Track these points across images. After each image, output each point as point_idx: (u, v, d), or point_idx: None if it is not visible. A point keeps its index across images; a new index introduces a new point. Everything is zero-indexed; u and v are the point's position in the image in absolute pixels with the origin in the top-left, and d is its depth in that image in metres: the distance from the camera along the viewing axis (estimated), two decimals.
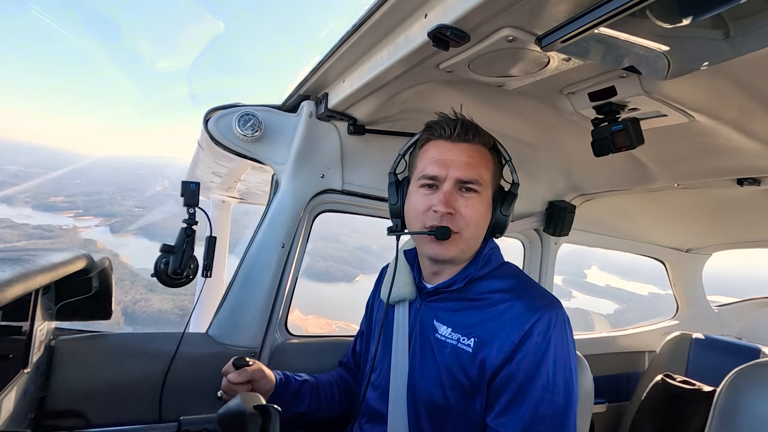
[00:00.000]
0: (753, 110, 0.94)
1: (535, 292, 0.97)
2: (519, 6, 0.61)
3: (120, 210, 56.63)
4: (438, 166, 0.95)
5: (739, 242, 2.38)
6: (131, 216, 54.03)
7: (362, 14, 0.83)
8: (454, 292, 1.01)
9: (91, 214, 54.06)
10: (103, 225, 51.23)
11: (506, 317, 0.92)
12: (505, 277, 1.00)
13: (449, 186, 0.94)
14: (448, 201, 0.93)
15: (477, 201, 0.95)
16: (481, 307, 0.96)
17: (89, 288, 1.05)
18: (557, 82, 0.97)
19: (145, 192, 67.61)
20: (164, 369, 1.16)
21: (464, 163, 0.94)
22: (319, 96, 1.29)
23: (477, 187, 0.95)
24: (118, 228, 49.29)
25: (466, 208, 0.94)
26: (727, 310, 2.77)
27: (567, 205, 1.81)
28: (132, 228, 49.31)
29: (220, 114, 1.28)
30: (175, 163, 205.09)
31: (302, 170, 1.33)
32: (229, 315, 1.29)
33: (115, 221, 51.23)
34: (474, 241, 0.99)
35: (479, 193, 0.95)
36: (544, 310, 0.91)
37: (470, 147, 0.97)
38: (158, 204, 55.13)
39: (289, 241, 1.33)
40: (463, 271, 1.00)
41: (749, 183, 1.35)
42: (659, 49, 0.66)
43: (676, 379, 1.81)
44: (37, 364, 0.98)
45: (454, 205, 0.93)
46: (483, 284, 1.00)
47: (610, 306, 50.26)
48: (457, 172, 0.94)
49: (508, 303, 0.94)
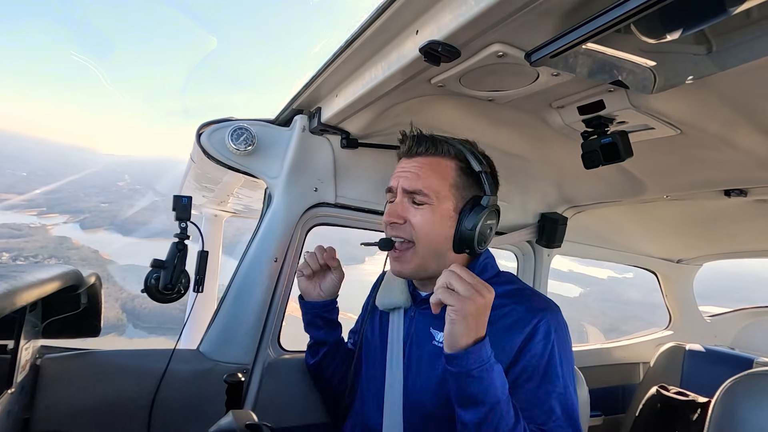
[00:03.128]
0: (738, 123, 0.96)
1: (534, 296, 0.98)
2: (508, 22, 0.63)
3: (87, 206, 55.62)
4: (394, 179, 1.00)
5: (728, 252, 2.41)
6: (99, 212, 53.31)
7: (355, 30, 0.85)
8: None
9: (56, 212, 52.82)
10: (72, 222, 50.16)
11: (507, 321, 0.92)
12: (503, 284, 1.00)
13: (399, 197, 0.97)
14: (393, 210, 0.97)
15: (427, 211, 0.95)
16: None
17: (78, 304, 1.03)
18: (547, 95, 0.99)
19: (108, 189, 66.77)
20: (154, 387, 1.13)
21: (412, 174, 0.97)
22: (312, 110, 1.30)
23: (425, 199, 0.95)
24: (89, 224, 48.70)
25: (414, 218, 0.96)
26: (720, 320, 2.78)
27: (559, 217, 1.82)
28: (103, 224, 48.73)
29: (212, 128, 1.28)
30: (133, 159, 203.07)
31: (295, 184, 1.33)
32: (221, 331, 1.27)
33: (84, 218, 50.48)
34: (434, 255, 0.97)
35: (431, 205, 0.95)
36: (545, 313, 0.91)
37: (422, 159, 0.98)
38: (123, 198, 54.62)
39: (282, 255, 1.32)
40: None
41: (736, 194, 1.37)
42: (645, 64, 0.67)
43: (670, 391, 1.81)
44: (21, 384, 0.95)
45: (404, 215, 0.96)
46: None
47: (575, 290, 50.79)
48: (404, 183, 0.96)
49: (508, 307, 0.94)
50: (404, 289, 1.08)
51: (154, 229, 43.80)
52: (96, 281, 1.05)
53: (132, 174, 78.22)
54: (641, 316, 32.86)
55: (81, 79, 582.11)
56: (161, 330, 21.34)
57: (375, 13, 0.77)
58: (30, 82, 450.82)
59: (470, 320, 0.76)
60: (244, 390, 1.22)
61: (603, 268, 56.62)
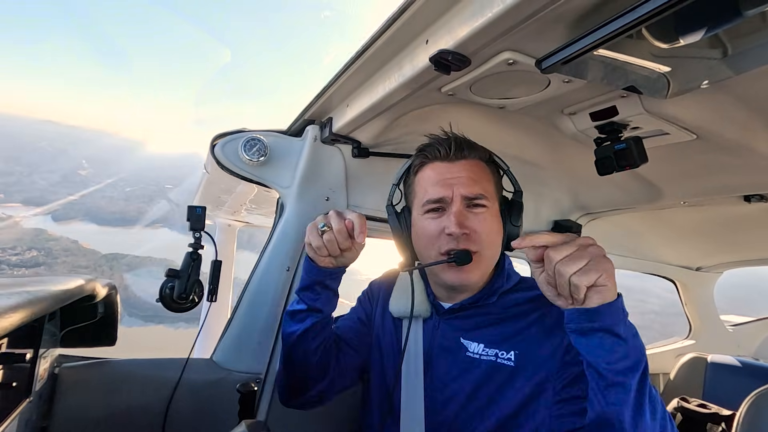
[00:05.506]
0: (756, 126, 0.94)
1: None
2: (518, 30, 0.63)
3: (55, 197, 55.54)
4: (441, 187, 0.91)
5: (749, 260, 2.34)
6: (69, 203, 53.19)
7: (365, 41, 0.86)
8: (480, 308, 0.96)
9: (17, 201, 52.78)
10: (40, 213, 50.21)
11: (546, 323, 0.89)
12: (529, 289, 0.97)
13: (458, 205, 0.89)
14: (461, 221, 0.88)
15: (488, 216, 0.91)
16: (513, 318, 0.92)
17: (95, 314, 1.05)
18: (558, 102, 0.98)
19: (70, 176, 66.31)
20: (168, 396, 1.14)
21: (467, 179, 0.91)
22: (323, 120, 1.31)
23: (485, 202, 0.91)
24: (62, 216, 48.85)
25: (479, 225, 0.90)
26: (742, 329, 2.70)
27: (573, 224, 1.79)
28: (77, 215, 48.91)
29: (226, 140, 1.30)
30: (92, 138, 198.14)
31: (307, 193, 1.34)
32: (234, 340, 1.27)
33: (55, 209, 50.53)
34: (493, 260, 0.95)
35: (488, 208, 0.91)
36: None
37: (469, 162, 0.94)
38: (89, 188, 54.63)
39: (294, 265, 1.32)
40: (492, 286, 0.96)
41: (756, 199, 1.34)
42: (658, 69, 0.67)
43: (692, 403, 1.75)
44: (40, 393, 0.97)
45: (467, 224, 0.89)
46: (510, 297, 0.96)
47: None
48: (462, 189, 0.90)
49: (542, 310, 0.91)
50: (425, 297, 1.02)
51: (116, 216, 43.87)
52: (112, 291, 1.07)
53: (90, 158, 77.68)
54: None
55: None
56: (158, 318, 21.70)
57: (385, 24, 0.78)
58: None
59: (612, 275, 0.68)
60: (256, 400, 1.22)
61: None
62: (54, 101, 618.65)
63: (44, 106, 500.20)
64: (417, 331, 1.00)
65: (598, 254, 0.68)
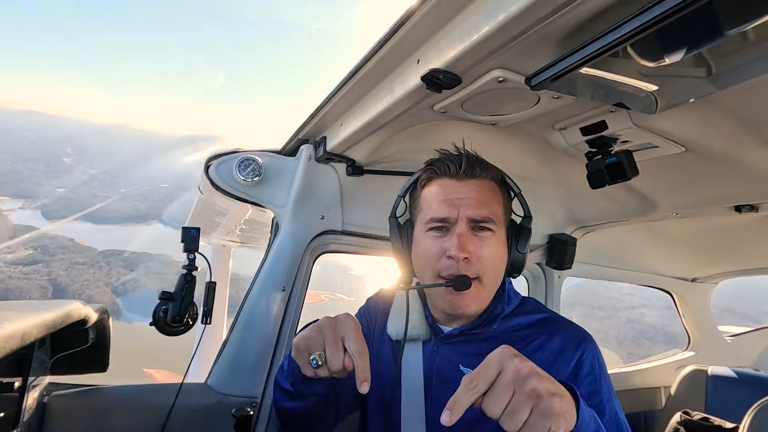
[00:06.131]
0: (743, 138, 0.96)
1: (567, 325, 0.93)
2: (507, 49, 0.64)
3: (41, 190, 53.74)
4: (447, 206, 0.86)
5: (743, 270, 2.35)
6: (60, 199, 51.62)
7: (357, 61, 0.87)
8: (480, 334, 0.92)
9: (5, 194, 51.14)
10: (28, 207, 48.98)
11: (548, 353, 0.86)
12: (530, 312, 0.95)
13: (462, 227, 0.85)
14: (463, 245, 0.83)
15: (493, 241, 0.87)
16: (516, 345, 0.88)
17: (86, 340, 1.02)
18: (549, 118, 1.00)
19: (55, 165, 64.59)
20: (161, 423, 1.11)
21: (475, 200, 0.86)
22: (317, 139, 1.32)
23: (492, 226, 0.86)
24: (52, 214, 47.68)
25: (482, 250, 0.85)
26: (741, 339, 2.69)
27: (567, 238, 1.80)
28: (71, 213, 47.81)
29: (220, 160, 1.30)
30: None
31: (302, 212, 1.34)
32: (229, 363, 1.25)
33: (44, 205, 49.32)
34: (495, 287, 0.91)
35: (494, 232, 0.87)
36: (586, 343, 0.87)
37: (479, 182, 0.89)
38: (81, 183, 53.30)
39: (289, 284, 1.31)
40: (491, 310, 0.92)
41: (747, 210, 1.35)
42: (646, 87, 0.68)
43: (695, 417, 1.73)
44: (28, 423, 0.94)
45: (469, 248, 0.84)
46: (511, 321, 0.93)
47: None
48: (469, 211, 0.85)
49: (544, 337, 0.88)
50: (423, 319, 0.98)
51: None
52: (104, 316, 1.05)
53: (72, 142, 76.26)
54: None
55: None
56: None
57: (377, 45, 0.79)
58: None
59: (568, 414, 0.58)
60: (252, 424, 1.19)
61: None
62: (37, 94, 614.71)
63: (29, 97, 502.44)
64: (416, 355, 0.96)
65: (521, 377, 0.57)
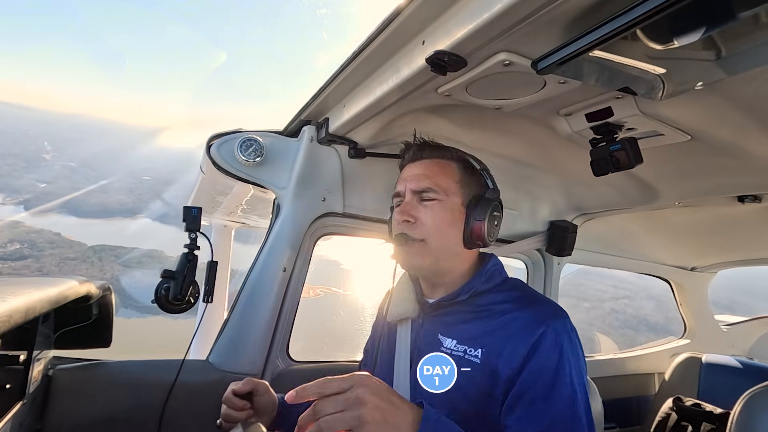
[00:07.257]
0: (750, 128, 0.95)
1: (541, 302, 0.95)
2: (514, 31, 0.63)
3: (22, 184, 53.31)
4: (400, 184, 1.04)
5: (743, 260, 2.36)
6: (41, 193, 51.02)
7: (361, 42, 0.85)
8: (456, 305, 0.99)
9: None
10: (11, 203, 48.26)
11: (513, 327, 0.89)
12: (509, 290, 0.99)
13: (408, 197, 1.00)
14: (405, 209, 0.98)
15: (438, 207, 0.97)
16: (486, 318, 0.94)
17: (89, 315, 1.04)
18: (554, 103, 0.99)
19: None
20: (163, 398, 1.13)
21: (420, 175, 1.00)
22: (319, 121, 1.31)
23: (434, 195, 0.97)
24: (35, 206, 47.41)
25: (424, 214, 0.97)
26: (737, 329, 2.72)
27: (568, 224, 1.80)
28: (54, 206, 47.74)
29: (222, 140, 1.30)
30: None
31: (303, 194, 1.33)
32: (230, 341, 1.27)
33: (25, 199, 49.10)
34: (445, 250, 0.98)
35: (439, 200, 0.97)
36: (552, 320, 0.88)
37: (427, 161, 1.03)
38: (61, 176, 52.41)
39: (290, 265, 1.32)
40: (467, 285, 0.99)
41: (750, 200, 1.35)
42: (653, 70, 0.67)
43: (687, 402, 1.76)
44: (33, 395, 0.96)
45: (414, 214, 0.97)
46: (488, 297, 0.98)
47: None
48: (412, 184, 1.00)
49: (515, 313, 0.91)
50: (412, 298, 1.06)
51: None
52: (107, 292, 1.06)
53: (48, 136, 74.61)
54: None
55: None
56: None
57: (381, 25, 0.78)
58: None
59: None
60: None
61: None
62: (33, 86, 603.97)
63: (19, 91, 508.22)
64: (405, 333, 1.05)
65: (357, 402, 0.61)
